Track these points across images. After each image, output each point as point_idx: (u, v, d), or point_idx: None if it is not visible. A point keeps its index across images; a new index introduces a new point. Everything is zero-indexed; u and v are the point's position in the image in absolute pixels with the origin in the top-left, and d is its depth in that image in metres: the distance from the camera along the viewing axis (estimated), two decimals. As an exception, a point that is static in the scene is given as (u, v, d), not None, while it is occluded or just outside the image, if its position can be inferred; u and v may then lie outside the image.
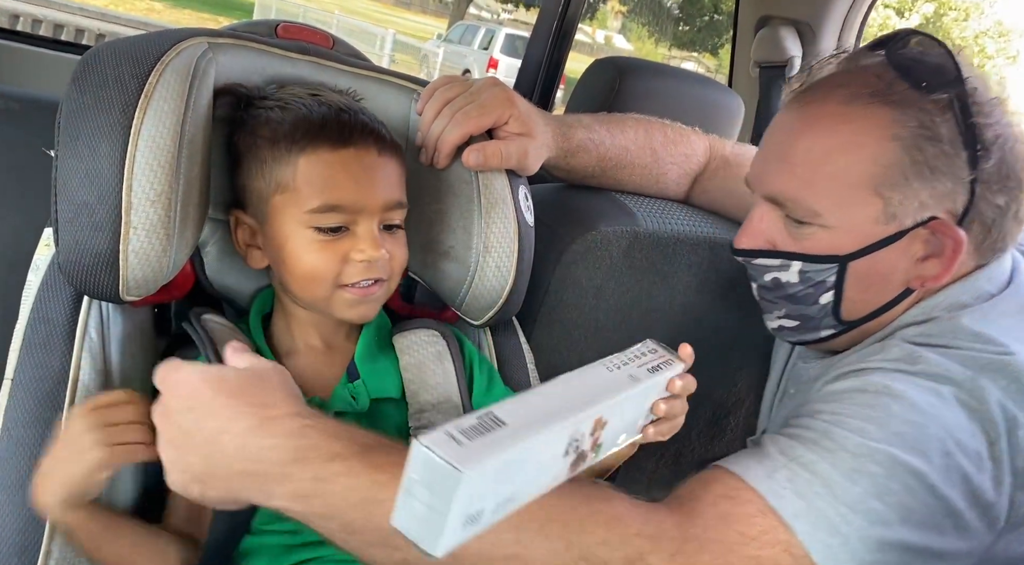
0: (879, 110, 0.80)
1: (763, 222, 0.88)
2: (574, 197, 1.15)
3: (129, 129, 0.74)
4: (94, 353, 0.78)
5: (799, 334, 0.93)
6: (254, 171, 0.82)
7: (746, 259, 0.91)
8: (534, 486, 0.59)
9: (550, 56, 1.58)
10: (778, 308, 0.92)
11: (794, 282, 0.88)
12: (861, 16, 1.57)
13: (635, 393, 0.65)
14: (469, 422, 0.54)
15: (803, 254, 0.86)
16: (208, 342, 0.79)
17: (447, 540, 0.51)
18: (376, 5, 19.40)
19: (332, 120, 0.80)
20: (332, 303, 0.82)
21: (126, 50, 0.79)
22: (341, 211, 0.79)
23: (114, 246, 0.74)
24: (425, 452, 0.50)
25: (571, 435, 0.59)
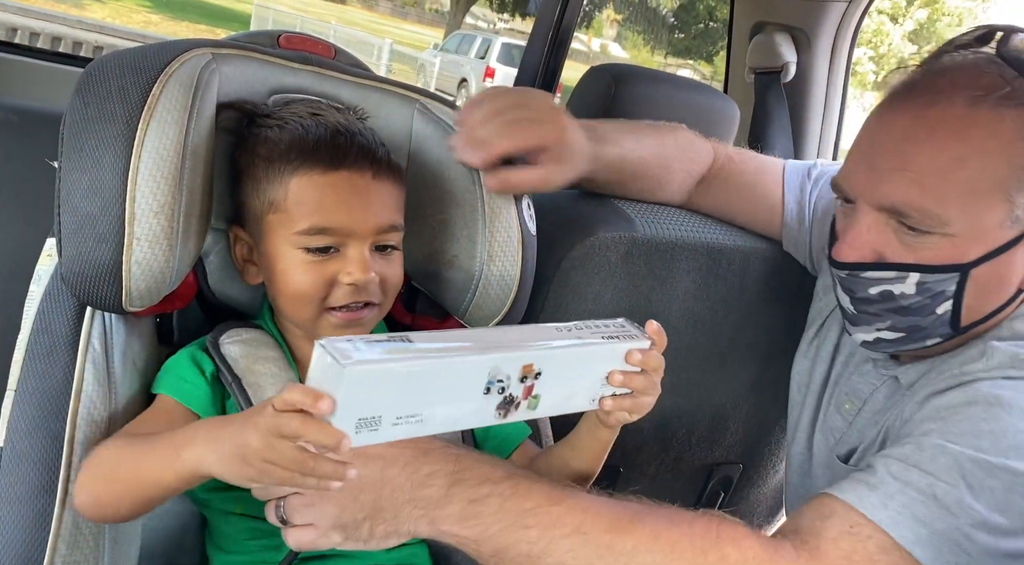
0: (1009, 113, 0.78)
1: (871, 233, 0.84)
2: (572, 203, 1.15)
3: (132, 140, 0.74)
4: (97, 364, 0.78)
5: (899, 345, 0.89)
6: (250, 189, 0.82)
7: (851, 272, 0.87)
8: (448, 414, 0.62)
9: (546, 64, 1.59)
10: (881, 320, 0.88)
11: (910, 294, 0.84)
12: (855, 22, 1.59)
13: (579, 353, 0.67)
14: (378, 337, 0.58)
15: (922, 265, 0.82)
16: (237, 387, 0.79)
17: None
18: (373, 15, 19.48)
19: (326, 142, 0.80)
20: (318, 325, 0.81)
21: (130, 61, 0.79)
22: (330, 233, 0.79)
23: (117, 257, 0.74)
24: (320, 349, 0.56)
25: (490, 372, 0.62)
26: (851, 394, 0.99)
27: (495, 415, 0.65)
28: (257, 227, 0.82)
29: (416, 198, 0.95)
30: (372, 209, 0.80)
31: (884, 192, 0.82)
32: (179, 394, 0.78)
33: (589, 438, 0.80)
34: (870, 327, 0.89)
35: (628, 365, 0.70)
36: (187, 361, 0.81)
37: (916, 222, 0.81)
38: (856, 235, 0.85)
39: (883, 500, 0.73)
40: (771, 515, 1.40)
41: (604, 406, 0.72)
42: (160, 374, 0.81)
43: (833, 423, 1.01)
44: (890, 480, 0.74)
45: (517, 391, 0.64)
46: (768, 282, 1.24)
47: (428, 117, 0.95)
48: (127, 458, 0.71)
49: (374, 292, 0.81)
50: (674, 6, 15.22)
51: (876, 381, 0.97)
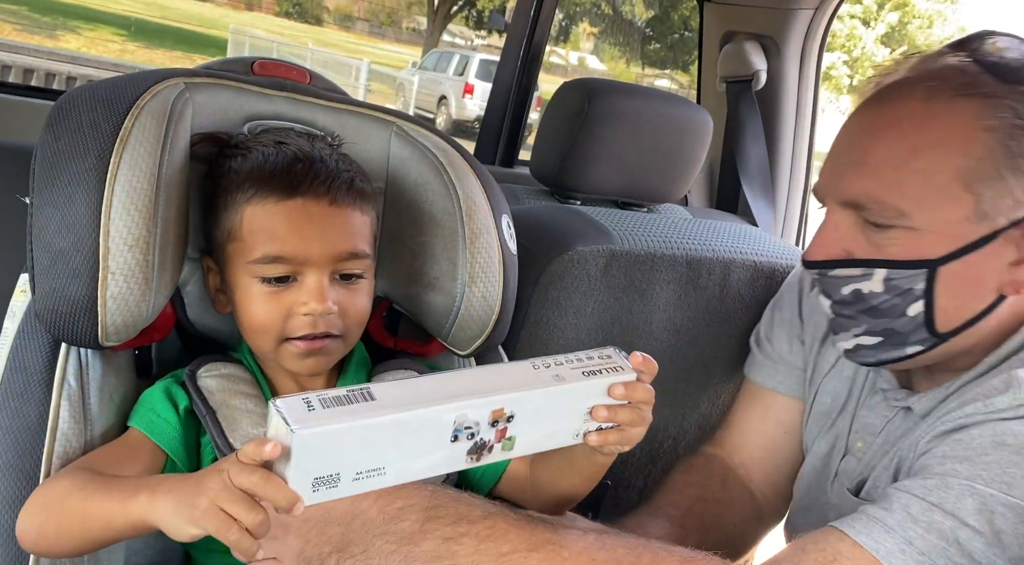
0: (967, 103, 0.77)
1: (838, 230, 0.83)
2: (549, 218, 1.16)
3: (105, 174, 0.74)
4: (73, 401, 0.77)
5: (880, 352, 0.86)
6: (211, 218, 0.82)
7: (821, 271, 0.85)
8: (413, 465, 0.61)
9: (519, 80, 1.60)
10: (857, 324, 0.85)
11: (878, 292, 0.82)
12: (823, 28, 1.61)
13: (554, 393, 0.65)
14: (337, 392, 0.58)
15: (888, 260, 0.80)
16: (211, 419, 0.78)
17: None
18: (349, 36, 19.54)
19: (281, 170, 0.79)
20: (280, 355, 0.81)
21: (101, 94, 0.79)
22: (284, 262, 0.78)
23: (92, 292, 0.74)
24: (274, 410, 0.56)
25: (456, 421, 0.61)
26: (862, 431, 0.96)
27: (467, 460, 0.64)
28: (221, 257, 0.82)
29: (396, 220, 0.95)
30: (329, 236, 0.79)
31: (844, 186, 0.82)
32: (149, 429, 0.78)
33: (585, 461, 0.79)
34: (848, 333, 0.87)
35: (612, 399, 0.69)
36: (160, 395, 0.80)
37: (875, 215, 0.80)
38: (824, 233, 0.84)
39: (901, 546, 0.70)
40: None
41: (589, 441, 0.70)
42: (136, 406, 0.81)
43: (847, 466, 0.97)
44: (910, 523, 0.71)
45: (489, 435, 0.63)
46: (748, 290, 1.25)
47: (406, 140, 0.95)
48: (79, 493, 0.69)
49: (333, 323, 0.80)
50: (648, 17, 15.36)
51: (888, 413, 0.93)
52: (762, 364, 1.10)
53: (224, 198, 0.80)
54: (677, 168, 1.34)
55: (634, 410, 0.71)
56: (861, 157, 0.82)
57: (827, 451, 1.00)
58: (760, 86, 1.60)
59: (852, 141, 0.84)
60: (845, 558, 0.72)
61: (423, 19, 18.33)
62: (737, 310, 1.24)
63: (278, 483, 0.57)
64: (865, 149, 0.82)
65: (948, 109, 0.78)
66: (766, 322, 1.12)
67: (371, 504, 0.71)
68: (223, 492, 0.59)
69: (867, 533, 0.72)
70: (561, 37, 16.90)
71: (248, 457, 0.57)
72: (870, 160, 0.81)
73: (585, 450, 0.77)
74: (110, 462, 0.75)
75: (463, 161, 0.96)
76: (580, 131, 1.24)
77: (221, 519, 0.59)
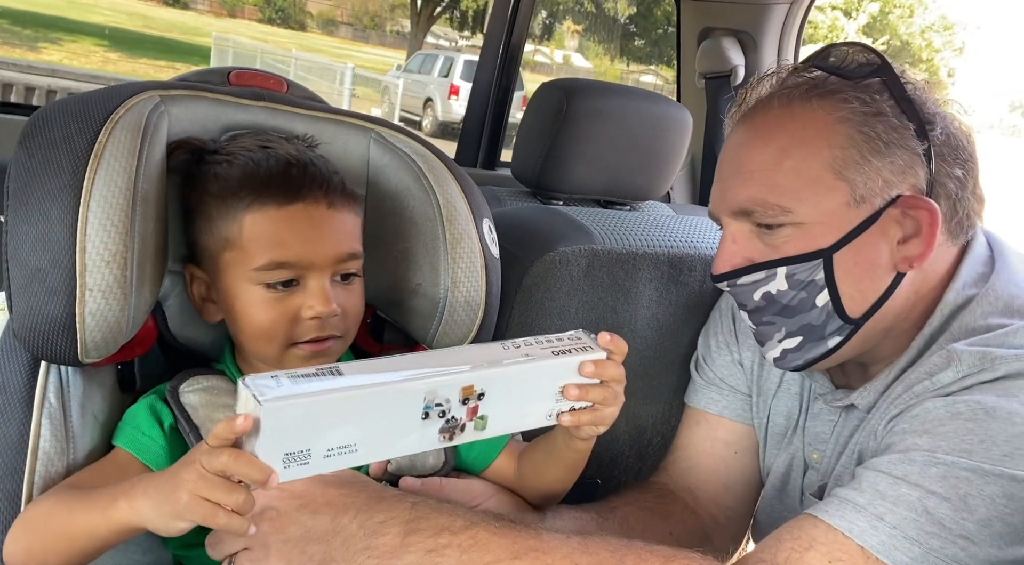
0: (819, 101, 0.83)
1: (736, 242, 0.87)
2: (530, 219, 1.16)
3: (80, 190, 0.74)
4: (54, 419, 0.76)
5: (806, 352, 0.88)
6: (203, 228, 0.82)
7: (730, 283, 0.89)
8: (385, 442, 0.62)
9: (499, 81, 1.60)
10: (776, 329, 0.88)
11: (785, 289, 0.85)
12: (799, 21, 1.62)
13: (525, 370, 0.66)
14: (306, 370, 0.59)
15: (786, 257, 0.85)
16: (195, 437, 0.78)
17: None
18: (333, 41, 19.49)
19: (279, 176, 0.79)
20: (285, 360, 0.81)
21: (74, 109, 0.79)
22: (289, 267, 0.78)
23: (70, 309, 0.73)
24: (242, 387, 0.56)
25: (426, 397, 0.62)
26: (814, 442, 0.98)
27: (439, 439, 0.64)
28: (213, 265, 0.81)
29: (377, 227, 0.95)
30: (330, 239, 0.80)
31: (729, 197, 0.87)
32: (135, 447, 0.77)
33: (565, 449, 0.80)
34: (772, 340, 0.90)
35: (583, 378, 0.70)
36: (145, 412, 0.80)
37: (763, 216, 0.84)
38: (724, 247, 0.88)
39: (872, 522, 0.72)
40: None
41: (562, 421, 0.71)
42: (120, 424, 0.80)
43: (810, 480, 0.99)
44: (879, 500, 0.73)
45: (460, 413, 0.64)
46: (731, 284, 1.25)
47: (385, 146, 0.95)
48: (61, 509, 0.69)
49: (337, 325, 0.81)
50: (631, 13, 15.39)
51: (832, 417, 0.96)
52: (704, 389, 1.11)
53: (216, 206, 0.80)
54: (658, 165, 1.34)
55: (606, 388, 0.72)
56: (738, 167, 0.87)
57: (785, 470, 1.03)
58: (739, 81, 1.61)
59: (729, 156, 0.90)
60: (820, 543, 0.73)
61: (407, 22, 18.31)
62: (721, 305, 1.24)
63: (249, 458, 0.58)
64: (740, 160, 0.87)
65: (803, 109, 0.84)
66: (703, 348, 1.13)
67: (351, 519, 0.72)
68: (199, 481, 0.60)
69: (839, 515, 0.74)
70: (545, 36, 16.92)
71: (219, 437, 0.58)
72: (746, 167, 0.86)
73: (564, 436, 0.78)
74: (96, 482, 0.74)
75: (443, 166, 0.96)
76: (560, 131, 1.25)
77: (205, 507, 0.60)
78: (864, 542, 0.72)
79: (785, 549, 0.74)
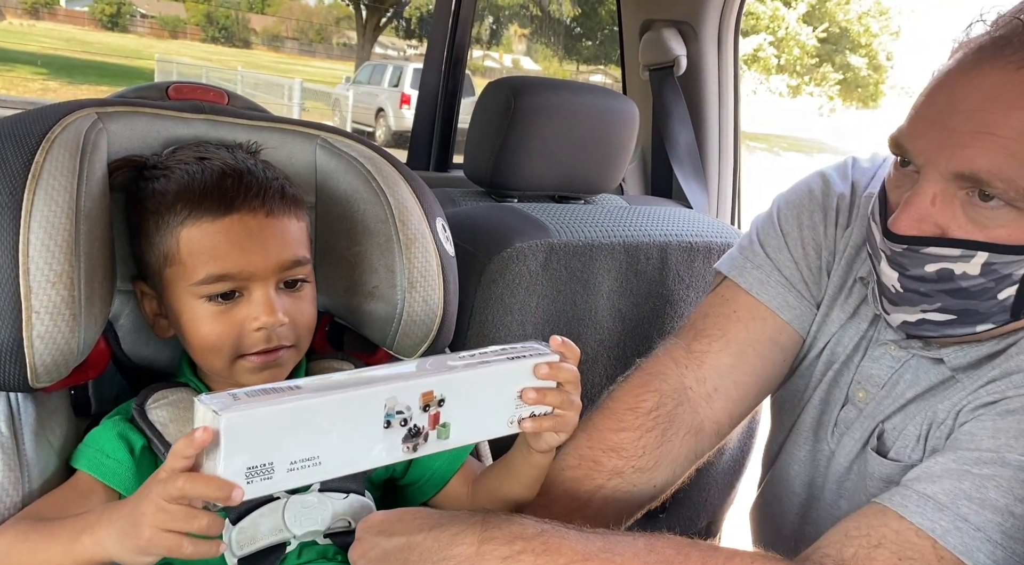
0: None
1: (936, 204, 0.74)
2: (485, 217, 1.16)
3: (19, 211, 0.72)
4: (6, 448, 0.74)
5: (946, 328, 0.80)
6: (144, 244, 0.80)
7: (910, 247, 0.77)
8: (348, 454, 0.62)
9: (445, 83, 1.60)
10: (930, 301, 0.79)
11: (972, 274, 0.75)
12: (736, 10, 1.65)
13: (481, 374, 0.67)
14: (263, 387, 0.59)
15: (994, 244, 0.73)
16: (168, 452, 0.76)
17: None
18: (279, 56, 19.28)
19: (213, 188, 0.78)
20: (235, 372, 0.80)
21: (8, 130, 0.77)
22: (229, 279, 0.77)
23: (17, 334, 0.71)
24: (199, 404, 0.56)
25: (386, 404, 0.62)
26: (865, 381, 0.91)
27: (403, 449, 0.64)
28: (158, 281, 0.80)
29: (329, 233, 0.94)
30: (270, 248, 0.78)
31: (963, 157, 0.72)
32: (99, 471, 0.76)
33: (523, 464, 0.80)
34: (915, 308, 0.80)
35: (540, 381, 0.70)
36: (111, 435, 0.78)
37: (998, 193, 0.72)
38: (919, 206, 0.75)
39: (955, 522, 0.69)
40: (723, 499, 1.42)
41: (524, 427, 0.72)
42: (80, 447, 0.78)
43: (847, 415, 0.93)
44: (963, 500, 0.70)
45: (422, 421, 0.64)
46: (687, 270, 1.27)
47: (331, 151, 0.95)
48: (23, 546, 0.67)
49: (285, 335, 0.79)
50: (576, 14, 15.51)
51: (893, 364, 0.89)
52: (778, 285, 0.96)
53: (155, 222, 0.79)
54: (609, 158, 1.36)
55: (562, 392, 0.72)
56: (989, 127, 0.71)
57: (826, 400, 0.96)
58: (681, 71, 1.63)
59: (973, 108, 0.72)
60: (891, 541, 0.70)
61: (353, 33, 18.20)
62: (678, 291, 1.26)
63: (206, 478, 0.57)
64: (994, 119, 0.71)
65: None
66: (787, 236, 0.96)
67: (425, 536, 0.72)
68: (158, 513, 0.59)
69: (920, 513, 0.71)
70: (493, 41, 16.97)
71: (179, 455, 0.57)
72: (998, 129, 0.71)
73: (522, 451, 0.78)
74: (58, 509, 0.72)
75: (391, 168, 0.96)
76: (509, 129, 1.25)
77: (169, 539, 0.59)
78: (944, 541, 0.69)
79: (853, 545, 0.71)
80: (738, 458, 1.36)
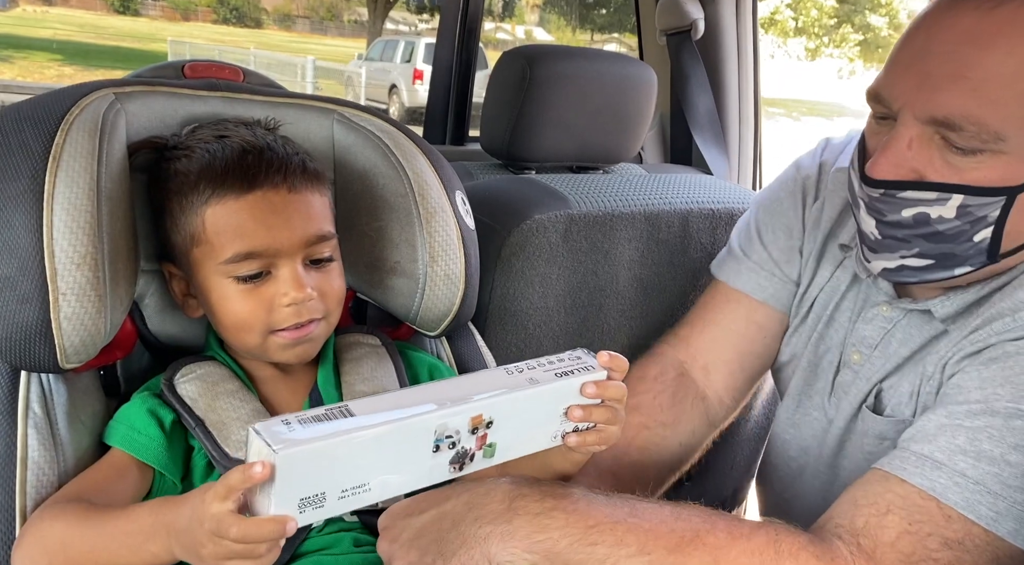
0: None
1: (912, 149, 0.75)
2: (504, 190, 1.16)
3: (41, 195, 0.72)
4: (40, 428, 0.75)
5: (925, 274, 0.81)
6: (170, 225, 0.81)
7: (887, 192, 0.77)
8: (398, 478, 0.62)
9: (459, 56, 1.58)
10: (908, 246, 0.79)
11: (948, 218, 0.75)
12: (755, -28, 1.61)
13: (530, 396, 0.66)
14: (316, 412, 0.58)
15: (968, 186, 0.73)
16: (201, 431, 0.77)
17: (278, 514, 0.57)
18: (291, 35, 19.23)
19: (234, 165, 0.77)
20: (267, 349, 0.80)
21: (27, 113, 0.77)
22: (256, 257, 0.77)
23: (44, 316, 0.72)
24: (254, 435, 0.56)
25: (437, 431, 0.62)
26: (859, 344, 0.93)
27: (450, 470, 0.65)
28: (185, 262, 0.81)
29: (348, 209, 0.94)
30: (294, 224, 0.78)
31: (937, 102, 0.72)
32: (132, 447, 0.76)
33: (562, 461, 0.79)
34: (894, 254, 0.81)
35: (586, 399, 0.69)
36: (141, 411, 0.78)
37: (970, 137, 0.72)
38: (896, 151, 0.75)
39: (954, 478, 0.70)
40: (748, 467, 1.42)
41: (568, 443, 0.71)
42: (111, 423, 0.79)
43: (844, 379, 0.95)
44: (958, 455, 0.70)
45: (470, 444, 0.64)
46: (708, 238, 1.26)
47: (349, 126, 0.94)
48: (79, 540, 0.68)
49: (315, 308, 0.80)
50: (590, -18, 15.29)
51: (886, 324, 0.90)
52: (751, 272, 1.03)
53: (179, 202, 0.79)
54: (627, 126, 1.34)
55: (608, 409, 0.71)
56: (961, 70, 0.71)
57: (815, 364, 0.99)
58: (699, 35, 1.60)
59: (947, 50, 0.72)
60: (898, 506, 0.71)
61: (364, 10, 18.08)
62: (700, 259, 1.25)
63: (258, 523, 0.57)
64: (967, 61, 0.71)
65: None
66: (759, 227, 1.04)
67: (454, 503, 0.73)
68: (217, 554, 0.59)
69: (919, 473, 0.72)
70: (505, 13, 16.78)
71: (232, 487, 0.57)
72: (971, 72, 0.71)
73: (562, 450, 0.77)
74: (97, 487, 0.74)
75: (409, 142, 0.95)
76: (525, 99, 1.24)
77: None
78: (946, 499, 0.70)
79: (863, 514, 0.72)
80: (762, 426, 1.35)
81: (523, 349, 1.14)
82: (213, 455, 0.77)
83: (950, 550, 0.70)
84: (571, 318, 1.16)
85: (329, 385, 0.85)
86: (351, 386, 0.85)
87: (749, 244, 1.05)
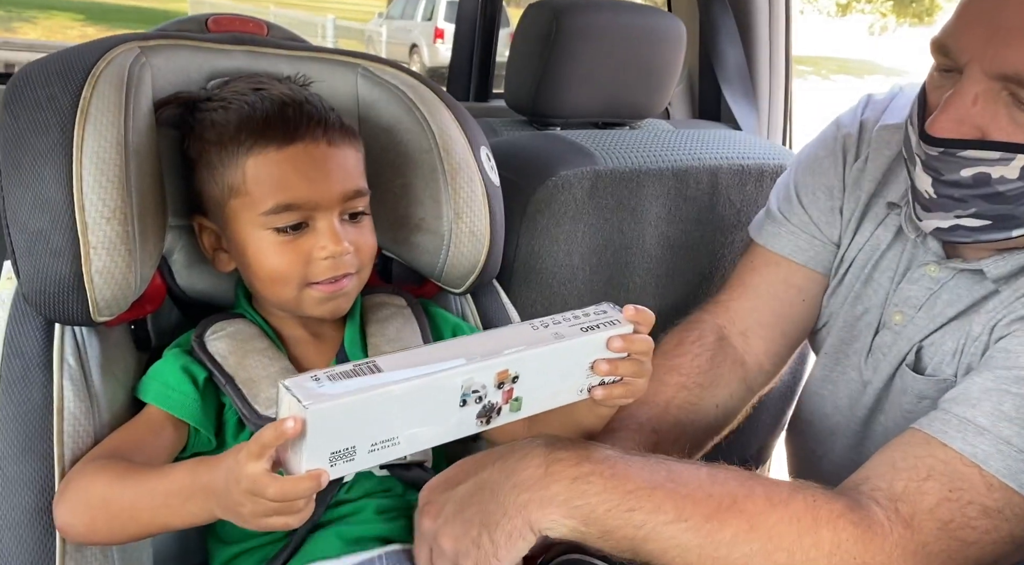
0: None
1: (978, 105, 0.72)
2: (529, 146, 1.14)
3: (71, 148, 0.73)
4: (75, 380, 0.76)
5: (980, 234, 0.79)
6: (206, 177, 0.80)
7: (947, 150, 0.75)
8: (426, 432, 0.63)
9: (484, 9, 1.55)
10: (965, 206, 0.77)
11: (1011, 179, 0.73)
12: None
13: (555, 350, 0.66)
14: (344, 368, 0.59)
15: None
16: (231, 388, 0.78)
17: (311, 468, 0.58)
18: (311, -7, 18.99)
19: (276, 117, 0.77)
20: (302, 302, 0.81)
21: (54, 67, 0.77)
22: (296, 209, 0.77)
23: (77, 269, 0.73)
24: (284, 390, 0.57)
25: (463, 385, 0.62)
26: (902, 304, 0.91)
27: (476, 424, 0.65)
28: (220, 214, 0.81)
29: (373, 165, 0.93)
30: (334, 177, 0.79)
31: (1008, 56, 0.70)
32: (167, 404, 0.77)
33: (588, 415, 0.79)
34: (948, 214, 0.78)
35: (612, 353, 0.69)
36: (174, 368, 0.79)
37: None
38: (960, 106, 0.73)
39: (997, 446, 0.69)
40: (774, 425, 1.42)
41: (595, 396, 0.71)
42: (144, 380, 0.80)
43: (883, 340, 0.94)
44: (1003, 422, 0.69)
45: (496, 398, 0.64)
46: (738, 194, 1.24)
47: (373, 81, 0.93)
48: (120, 498, 0.69)
49: (351, 263, 0.80)
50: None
51: (931, 285, 0.88)
52: (790, 235, 1.01)
53: (218, 153, 0.79)
54: (654, 81, 1.31)
55: (635, 362, 0.71)
56: None
57: (852, 324, 0.98)
58: (731, -13, 1.56)
59: (1022, 1, 0.70)
60: (939, 472, 0.70)
61: (384, -34, 17.77)
62: (729, 216, 1.23)
63: (294, 482, 0.58)
64: None
65: None
66: (798, 188, 1.02)
67: (491, 471, 0.73)
68: (256, 512, 0.61)
69: (961, 438, 0.71)
70: (527, -32, 16.46)
71: (264, 444, 0.58)
72: None
73: (588, 404, 0.77)
74: (134, 444, 0.75)
75: (434, 96, 0.94)
76: (551, 54, 1.22)
77: (269, 524, 0.62)
78: (988, 467, 0.69)
79: (902, 478, 0.71)
80: (790, 385, 1.34)
81: (548, 307, 1.13)
82: (243, 412, 0.78)
83: (989, 518, 0.69)
84: (596, 276, 1.16)
85: (355, 346, 0.86)
86: (377, 347, 0.86)
87: (788, 206, 1.02)
